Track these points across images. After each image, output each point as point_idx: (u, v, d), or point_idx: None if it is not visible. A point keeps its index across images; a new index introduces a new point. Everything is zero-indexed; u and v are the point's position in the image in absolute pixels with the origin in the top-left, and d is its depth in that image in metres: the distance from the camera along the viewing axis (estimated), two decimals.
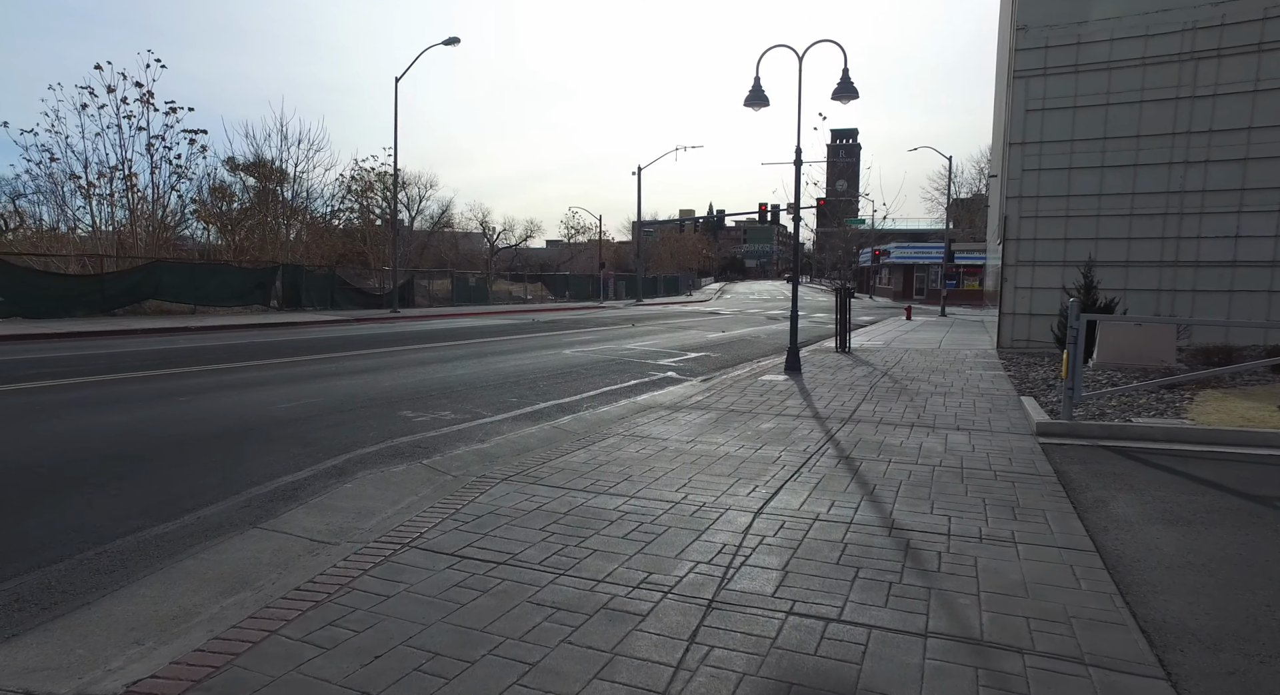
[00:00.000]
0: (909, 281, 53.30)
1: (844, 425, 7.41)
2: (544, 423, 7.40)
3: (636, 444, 6.42)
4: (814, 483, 5.19)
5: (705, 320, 27.06)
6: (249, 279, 24.43)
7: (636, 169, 46.35)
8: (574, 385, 9.93)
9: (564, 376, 10.76)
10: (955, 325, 25.05)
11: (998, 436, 6.90)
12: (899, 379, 10.78)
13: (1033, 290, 15.41)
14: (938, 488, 5.07)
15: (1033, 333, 15.49)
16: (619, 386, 9.98)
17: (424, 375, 10.56)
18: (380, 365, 11.68)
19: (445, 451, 6.04)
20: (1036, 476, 5.39)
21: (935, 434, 6.99)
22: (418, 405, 8.10)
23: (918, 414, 8.05)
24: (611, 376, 10.87)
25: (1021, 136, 15.07)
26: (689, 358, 13.86)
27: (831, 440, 6.68)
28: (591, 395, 9.19)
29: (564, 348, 15.01)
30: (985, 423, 7.58)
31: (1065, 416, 7.01)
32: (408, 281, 32.08)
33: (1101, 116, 14.04)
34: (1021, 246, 15.39)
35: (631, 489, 4.98)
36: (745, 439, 6.67)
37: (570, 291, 46.38)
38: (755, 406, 8.43)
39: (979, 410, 8.29)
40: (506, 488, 4.99)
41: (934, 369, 12.07)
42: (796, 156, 11.10)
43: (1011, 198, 15.35)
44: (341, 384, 9.60)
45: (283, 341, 15.39)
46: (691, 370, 12.06)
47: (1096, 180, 14.39)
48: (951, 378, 10.95)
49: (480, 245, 74.41)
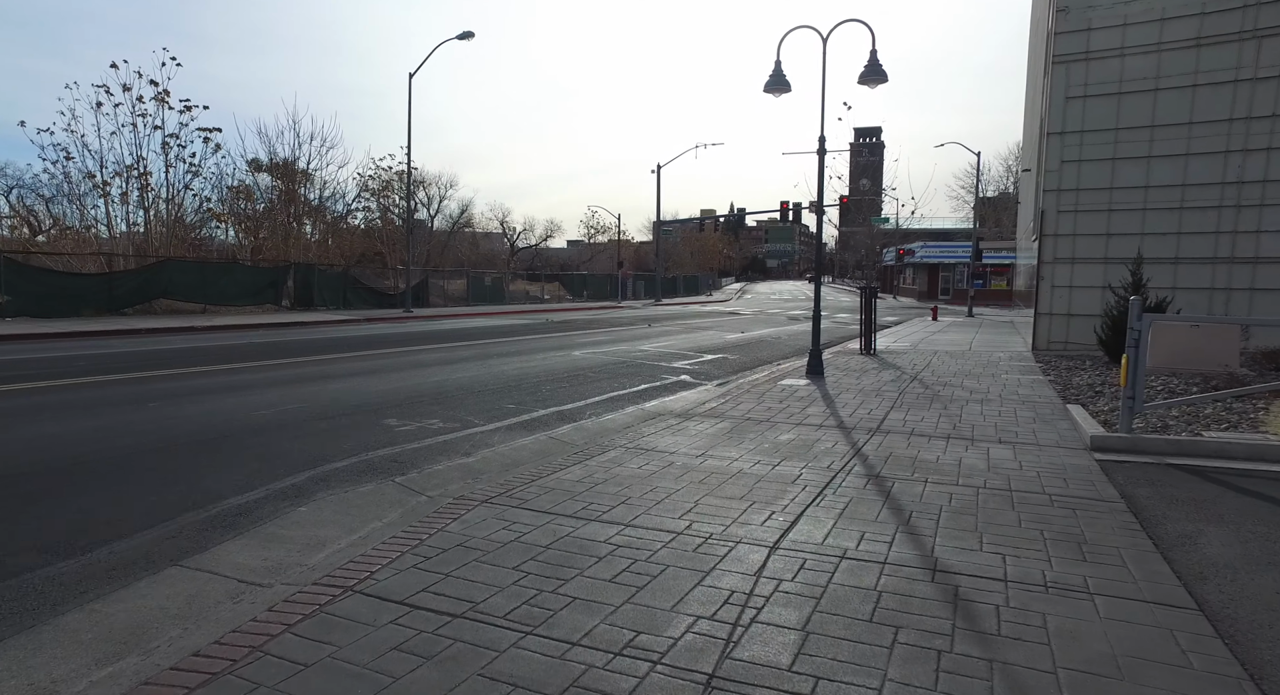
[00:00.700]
0: (934, 281, 52.05)
1: (872, 437, 6.68)
2: (540, 433, 6.76)
3: (640, 459, 5.76)
4: (840, 508, 4.48)
5: (724, 321, 26.31)
6: (261, 278, 24.13)
7: (655, 167, 45.70)
8: (579, 390, 9.28)
9: (569, 380, 10.13)
10: (984, 326, 24.06)
11: (1046, 451, 6.14)
12: (930, 384, 10.01)
13: (1071, 289, 14.51)
14: (985, 516, 4.34)
15: (1071, 334, 14.58)
16: (627, 392, 9.32)
17: (420, 378, 9.98)
18: (377, 367, 11.13)
19: (424, 467, 5.41)
20: (1100, 502, 4.64)
21: (975, 448, 6.24)
22: (406, 412, 7.50)
23: (953, 424, 7.30)
24: (620, 380, 10.21)
25: (1061, 126, 14.17)
26: (705, 360, 13.16)
27: (858, 455, 5.96)
28: (596, 401, 8.54)
29: (574, 349, 14.38)
30: (1030, 435, 6.81)
31: (1124, 429, 6.22)
32: (422, 281, 31.70)
33: (1149, 102, 13.11)
34: (1060, 243, 14.48)
35: (628, 515, 4.32)
36: (762, 453, 5.97)
37: (588, 291, 45.82)
38: (774, 415, 7.72)
39: (1021, 420, 7.51)
40: (485, 512, 4.34)
41: (966, 373, 11.26)
42: (820, 145, 10.36)
43: (1049, 191, 14.45)
44: (331, 388, 9.04)
45: (285, 342, 14.95)
46: (707, 374, 11.36)
47: (1142, 171, 13.45)
48: (986, 383, 10.15)
49: (501, 245, 74.38)
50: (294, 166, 42.74)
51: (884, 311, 36.86)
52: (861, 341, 14.70)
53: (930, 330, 21.63)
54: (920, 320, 27.47)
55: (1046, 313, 14.82)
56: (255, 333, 17.19)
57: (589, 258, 73.69)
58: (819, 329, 10.87)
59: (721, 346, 15.89)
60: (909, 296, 56.97)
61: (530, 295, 42.36)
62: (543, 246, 77.78)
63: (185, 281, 21.38)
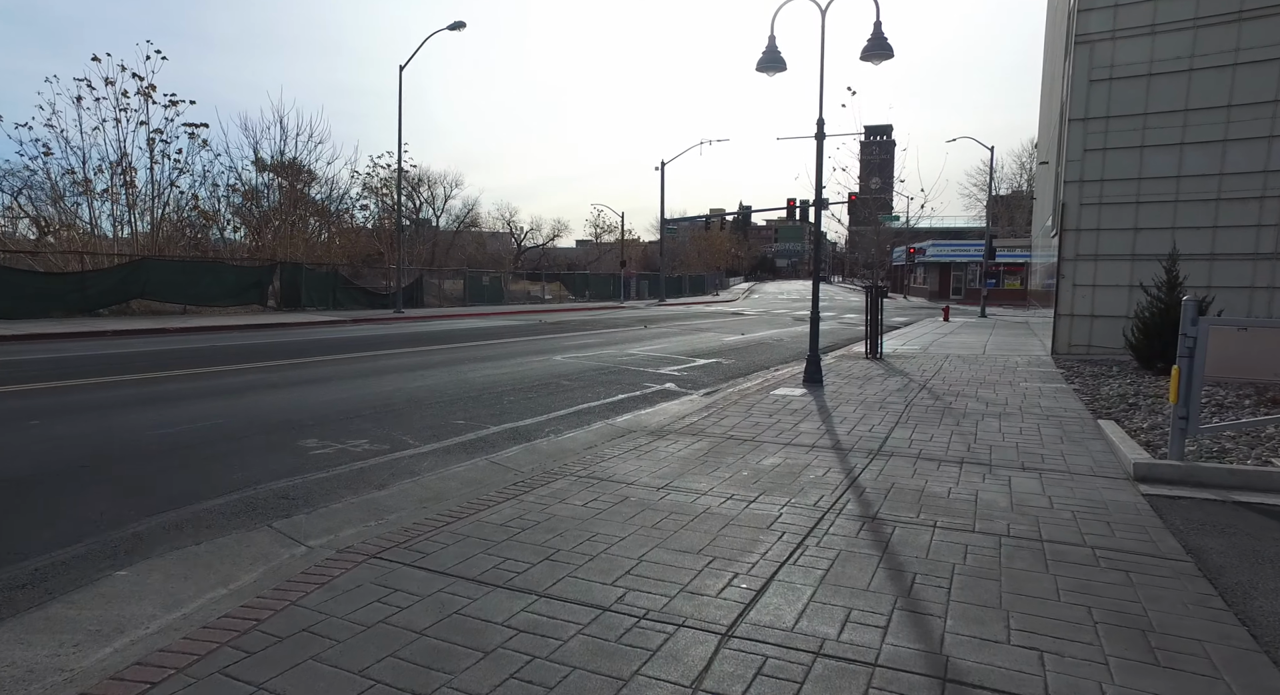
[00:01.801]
0: (945, 281, 50.80)
1: (871, 462, 5.68)
2: (481, 456, 5.79)
3: (589, 491, 4.79)
4: (823, 569, 3.49)
5: (726, 322, 25.29)
6: (245, 278, 23.32)
7: (659, 164, 44.70)
8: (546, 401, 8.32)
9: (540, 390, 9.16)
10: (998, 327, 22.93)
11: (1081, 482, 5.12)
12: (940, 393, 8.98)
13: (1095, 288, 13.41)
14: (1011, 582, 3.34)
15: (1094, 337, 13.49)
16: (600, 403, 8.35)
17: (373, 387, 9.05)
18: (332, 375, 10.20)
19: (320, 505, 4.46)
20: (1160, 560, 3.62)
21: (994, 477, 5.23)
22: (334, 430, 6.54)
23: (967, 444, 6.28)
24: (596, 390, 9.24)
25: (1084, 111, 13.08)
26: (696, 365, 12.17)
27: (854, 487, 4.96)
28: (562, 415, 7.57)
29: (557, 353, 13.42)
30: (1059, 458, 5.79)
31: (1174, 455, 5.19)
32: (416, 281, 30.86)
33: (1183, 84, 12.00)
34: (1082, 238, 13.39)
35: (548, 578, 3.35)
36: (738, 484, 4.99)
37: (590, 291, 44.88)
38: (760, 432, 6.73)
39: (1047, 439, 6.48)
40: (365, 574, 3.39)
41: (981, 380, 10.22)
42: (818, 129, 9.35)
43: (1070, 182, 13.36)
44: (265, 400, 8.10)
45: (251, 345, 14.06)
46: (695, 381, 10.37)
47: (1174, 160, 12.34)
48: (1004, 392, 9.11)
49: (508, 245, 73.75)
50: (298, 165, 42.19)
51: (894, 312, 35.76)
52: (867, 344, 13.66)
53: (941, 332, 20.54)
54: (931, 321, 26.35)
55: (1067, 314, 13.73)
56: (227, 335, 16.34)
57: (596, 257, 72.83)
58: (817, 332, 9.86)
59: (717, 350, 14.89)
60: (920, 296, 55.72)
61: (531, 295, 41.47)
62: (550, 246, 77.08)
63: (164, 281, 20.57)
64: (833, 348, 16.05)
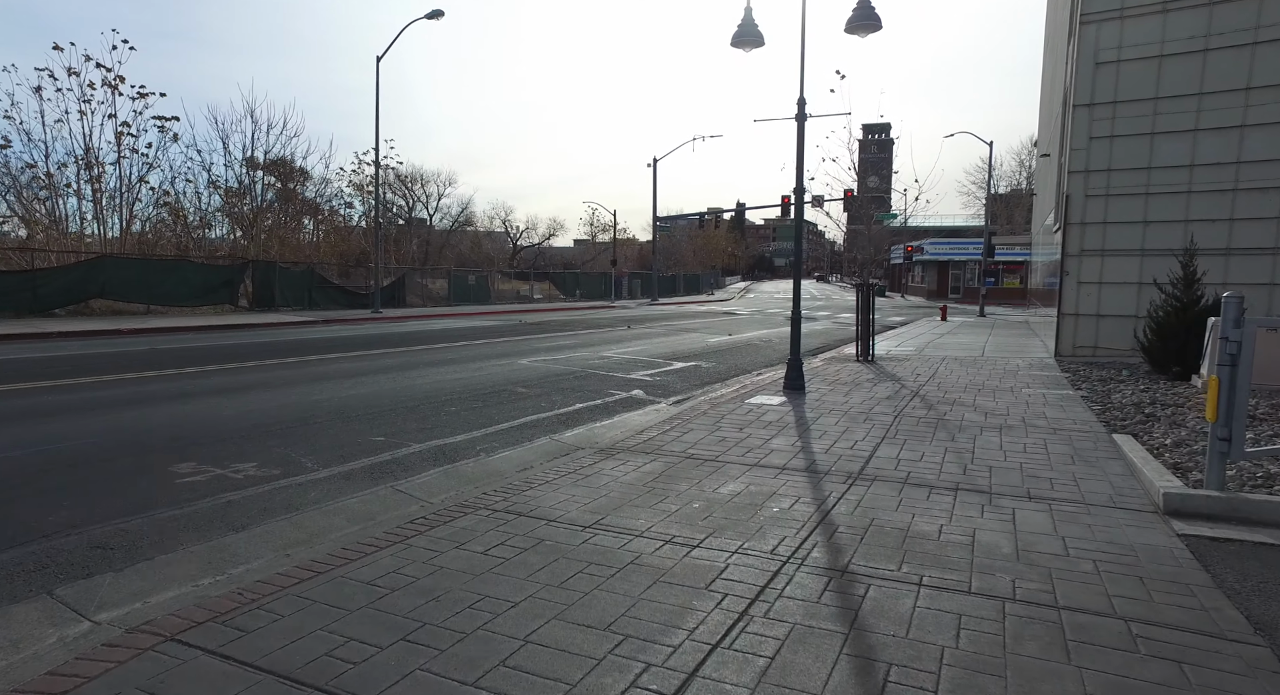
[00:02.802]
0: (944, 279, 49.96)
1: (849, 488, 4.79)
2: (387, 483, 4.89)
3: (498, 531, 3.90)
4: (767, 657, 2.60)
5: (716, 321, 24.40)
6: (213, 276, 22.38)
7: (651, 160, 43.78)
8: (492, 412, 7.42)
9: (490, 398, 8.26)
10: (997, 327, 22.06)
11: (1099, 516, 4.23)
12: (934, 401, 8.09)
13: (1101, 285, 12.54)
14: (1021, 681, 2.45)
15: (1101, 338, 12.62)
16: (553, 414, 7.45)
17: (299, 397, 8.12)
18: (257, 382, 9.25)
19: (145, 556, 3.56)
20: (1221, 643, 2.73)
21: (995, 509, 4.35)
22: (226, 450, 5.63)
23: (963, 465, 5.39)
24: (553, 398, 8.35)
25: (1089, 96, 12.20)
26: (671, 370, 11.28)
27: (824, 524, 4.07)
28: (503, 429, 6.67)
29: (524, 356, 12.52)
30: (1070, 484, 4.90)
31: (1213, 484, 4.30)
32: (398, 280, 29.95)
33: (1198, 66, 11.12)
34: (1088, 232, 12.52)
35: (388, 674, 2.46)
36: (684, 520, 4.10)
37: (581, 290, 43.95)
38: (725, 449, 5.84)
39: (1056, 459, 5.59)
40: (137, 672, 2.49)
41: (980, 386, 9.33)
42: (799, 110, 8.46)
43: (1075, 173, 12.49)
44: (162, 413, 7.15)
45: (193, 348, 13.09)
46: (667, 387, 9.48)
47: (1187, 147, 11.47)
48: (1004, 400, 8.22)
49: (504, 245, 72.96)
50: (290, 164, 41.26)
51: (891, 311, 34.84)
52: (859, 346, 12.78)
53: (939, 332, 19.65)
54: (928, 320, 25.48)
55: (1072, 313, 12.85)
56: (179, 337, 15.41)
57: (592, 257, 71.97)
58: (799, 333, 8.97)
59: (700, 352, 14.00)
60: (918, 295, 54.87)
61: (521, 295, 40.52)
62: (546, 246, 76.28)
63: (125, 280, 19.62)
64: (823, 349, 15.17)
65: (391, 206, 62.31)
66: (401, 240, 45.60)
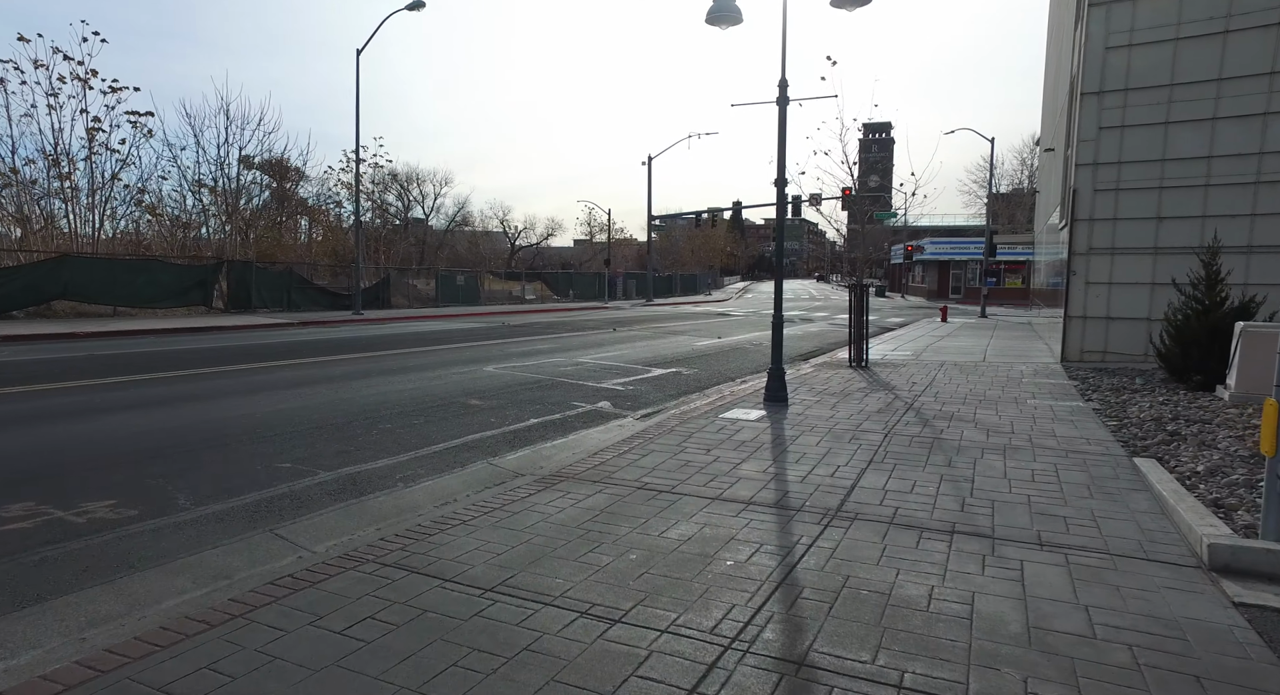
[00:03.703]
0: (944, 279, 49.11)
1: (824, 530, 3.99)
2: (266, 527, 4.08)
3: (378, 598, 3.09)
4: None
5: (708, 323, 23.59)
6: (186, 277, 21.57)
7: (647, 158, 43.00)
8: (431, 430, 6.61)
9: (436, 412, 7.45)
10: (999, 328, 21.24)
11: (1128, 572, 3.43)
12: (930, 416, 7.27)
13: (1111, 286, 11.72)
14: None
15: (1111, 342, 11.80)
16: (501, 431, 6.64)
17: (216, 412, 7.27)
18: (179, 395, 8.32)
19: None
20: None
21: (999, 562, 3.55)
22: (89, 483, 4.77)
23: (961, 499, 4.58)
24: (508, 412, 7.54)
25: (1099, 84, 11.38)
26: (648, 377, 10.47)
27: (786, 585, 3.26)
28: (438, 451, 5.86)
29: (492, 362, 11.70)
30: (1089, 524, 4.10)
31: (1273, 534, 3.48)
32: (383, 281, 29.14)
33: (1217, 48, 10.30)
34: (1096, 229, 11.70)
35: None
36: (613, 579, 3.30)
37: (575, 291, 43.10)
38: (687, 477, 5.03)
39: (1070, 490, 4.77)
40: None
41: (981, 397, 8.51)
42: (780, 92, 7.64)
43: (1083, 166, 11.67)
44: (41, 434, 6.34)
45: (142, 354, 12.20)
46: (638, 398, 8.67)
47: (1205, 137, 10.64)
48: (1008, 414, 7.40)
49: (503, 245, 72.35)
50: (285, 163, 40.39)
51: (890, 312, 34.02)
52: (851, 350, 11.96)
53: (938, 334, 18.83)
54: (928, 322, 24.66)
55: (1079, 315, 12.03)
56: (136, 341, 14.59)
57: (590, 257, 71.18)
58: (781, 338, 8.16)
59: (683, 357, 13.18)
60: (918, 295, 54.03)
61: (513, 296, 39.67)
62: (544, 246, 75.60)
63: (89, 280, 18.81)
64: (815, 353, 14.36)
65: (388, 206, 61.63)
66: (394, 240, 44.76)
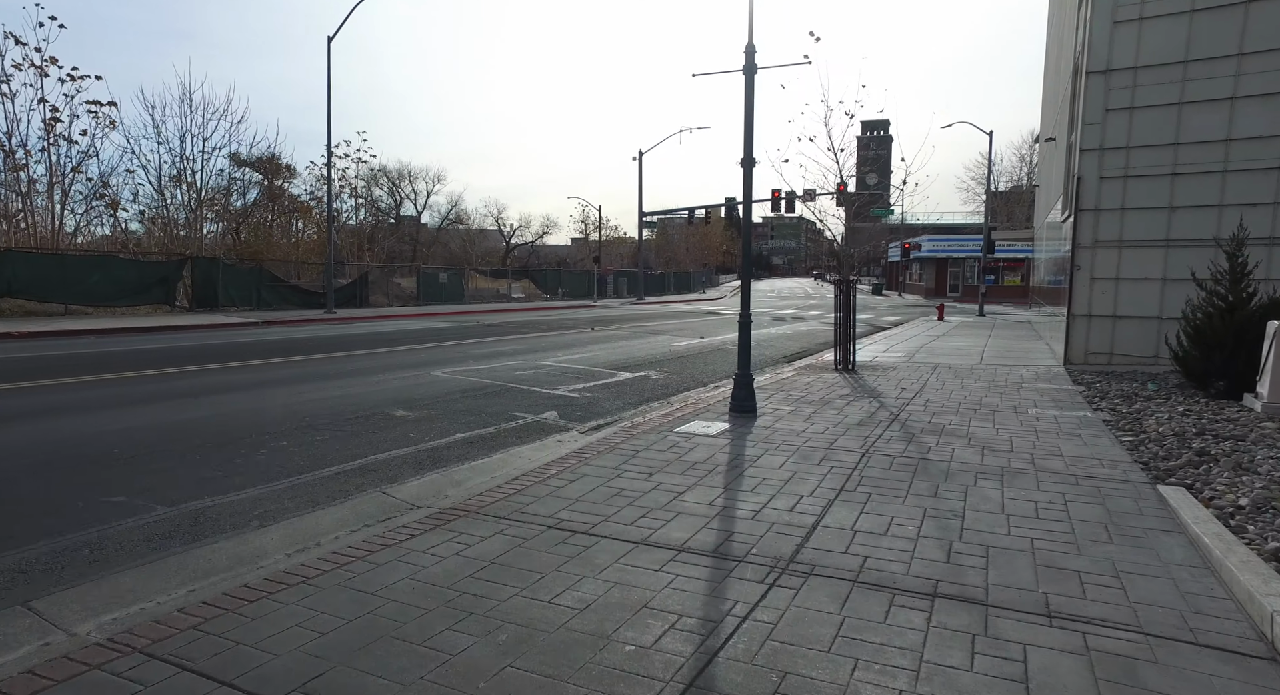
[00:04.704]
0: (942, 277, 48.20)
1: (769, 590, 3.06)
2: (17, 597, 3.14)
3: None
4: None
5: (694, 323, 22.65)
6: (147, 274, 20.58)
7: (638, 154, 42.02)
8: (331, 449, 5.66)
9: (347, 426, 6.51)
10: (997, 327, 20.32)
11: (1172, 665, 2.50)
12: (917, 429, 6.33)
13: (1118, 282, 10.80)
14: None
15: (1118, 343, 10.87)
16: (414, 449, 5.70)
17: (88, 426, 6.33)
18: (70, 403, 7.37)
19: None
20: None
21: (995, 646, 2.62)
22: None
23: (947, 545, 3.65)
24: (435, 425, 6.59)
25: (1106, 62, 10.45)
26: (611, 382, 9.53)
27: (700, 685, 2.32)
28: (325, 476, 4.92)
29: (445, 365, 10.75)
30: (1112, 583, 3.16)
31: None
32: (361, 278, 28.20)
33: (1237, 19, 9.37)
34: (1103, 220, 10.78)
35: None
36: (461, 678, 2.36)
37: (564, 289, 42.12)
38: (613, 512, 4.10)
39: (1084, 532, 3.84)
40: None
41: (976, 405, 7.58)
42: (747, 59, 6.70)
43: (1088, 151, 10.74)
44: None
45: (56, 357, 11.15)
46: (591, 407, 7.73)
47: (1223, 118, 9.72)
48: (1007, 426, 6.46)
49: (498, 243, 71.57)
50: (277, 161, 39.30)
51: (886, 310, 33.07)
52: (837, 352, 11.03)
53: (934, 334, 17.90)
54: (924, 321, 23.74)
55: (1084, 314, 11.10)
56: (68, 342, 13.62)
57: (585, 255, 70.28)
58: (748, 341, 7.25)
59: (658, 359, 12.24)
60: (915, 293, 53.12)
61: (500, 294, 38.72)
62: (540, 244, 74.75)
63: (38, 277, 17.83)
64: (801, 354, 13.43)
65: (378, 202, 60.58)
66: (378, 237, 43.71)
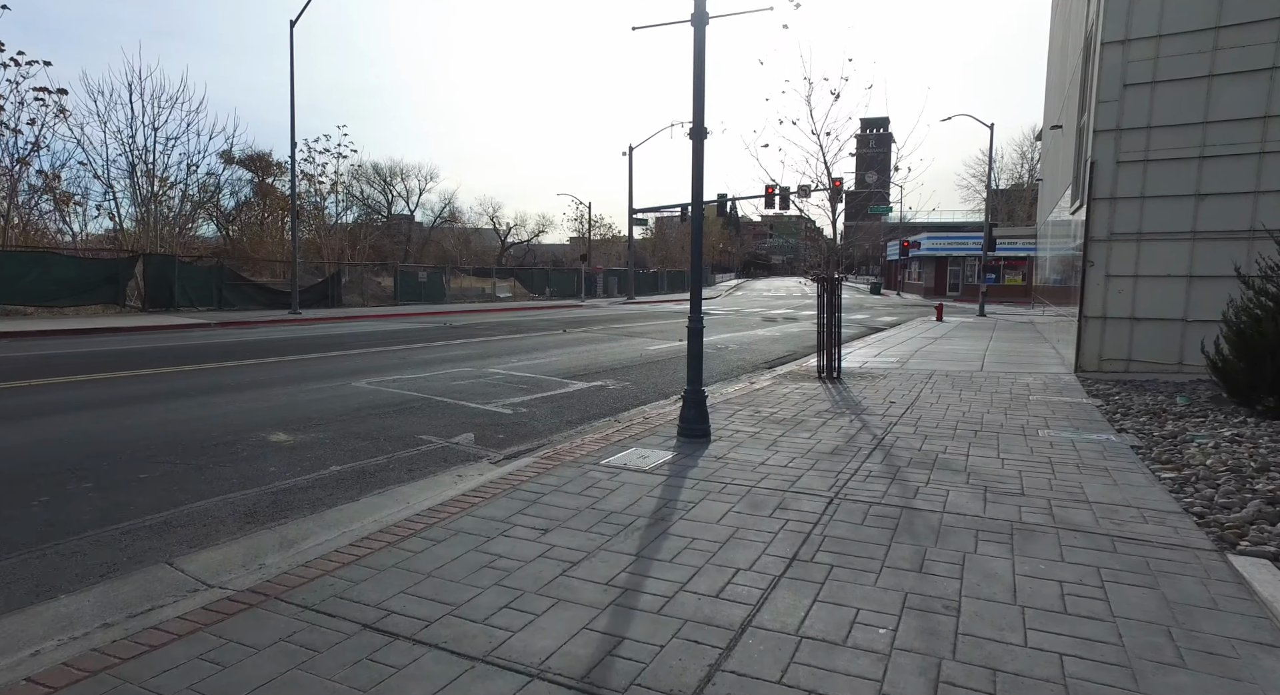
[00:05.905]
0: (941, 276, 47.01)
1: None
2: None
3: None
4: None
5: (678, 324, 21.41)
6: (92, 272, 19.39)
7: (628, 149, 40.77)
8: (148, 492, 4.45)
9: (195, 456, 5.29)
10: (999, 328, 19.10)
11: None
12: (904, 461, 5.10)
13: (1136, 279, 9.59)
14: None
15: (1137, 348, 9.65)
16: (261, 491, 4.49)
17: None
18: None
19: None
20: None
21: None
22: None
23: (934, 668, 2.42)
24: (312, 455, 5.37)
25: (1124, 30, 9.23)
26: (558, 394, 8.31)
27: None
28: (102, 538, 3.71)
29: (371, 375, 9.51)
30: None
31: None
32: (333, 277, 27.00)
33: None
34: (1120, 210, 9.56)
35: None
36: None
37: (552, 288, 40.91)
38: (466, 599, 2.87)
39: (1137, 641, 2.61)
40: None
41: (977, 424, 6.35)
42: (696, 8, 5.48)
43: (1103, 132, 9.52)
44: None
45: None
46: (520, 427, 6.50)
47: (1260, 92, 8.51)
48: (1015, 456, 5.23)
49: (493, 242, 70.67)
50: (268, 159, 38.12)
51: (883, 309, 31.85)
52: (821, 357, 9.82)
53: (931, 335, 16.67)
54: (922, 321, 22.51)
55: (1098, 316, 9.88)
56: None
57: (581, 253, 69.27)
58: (699, 349, 6.04)
59: (623, 365, 11.03)
60: (914, 293, 51.91)
61: (485, 293, 37.54)
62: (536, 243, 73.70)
63: None
64: (786, 359, 12.21)
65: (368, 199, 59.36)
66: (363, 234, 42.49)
